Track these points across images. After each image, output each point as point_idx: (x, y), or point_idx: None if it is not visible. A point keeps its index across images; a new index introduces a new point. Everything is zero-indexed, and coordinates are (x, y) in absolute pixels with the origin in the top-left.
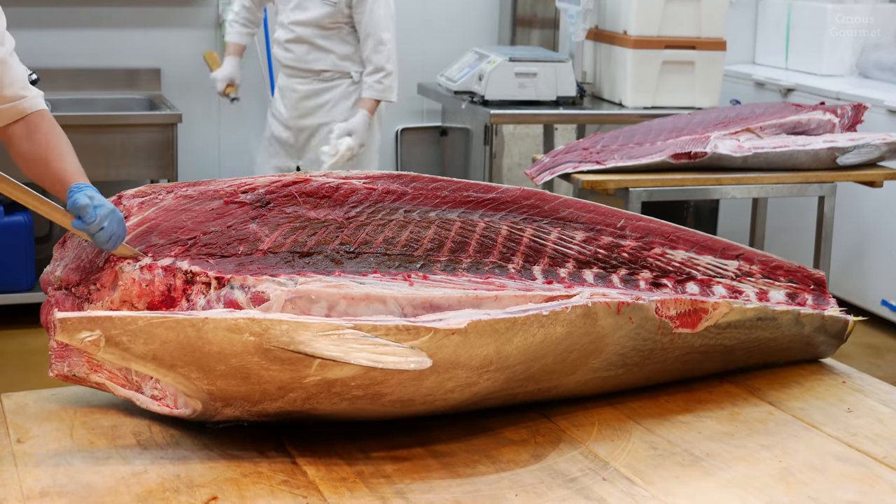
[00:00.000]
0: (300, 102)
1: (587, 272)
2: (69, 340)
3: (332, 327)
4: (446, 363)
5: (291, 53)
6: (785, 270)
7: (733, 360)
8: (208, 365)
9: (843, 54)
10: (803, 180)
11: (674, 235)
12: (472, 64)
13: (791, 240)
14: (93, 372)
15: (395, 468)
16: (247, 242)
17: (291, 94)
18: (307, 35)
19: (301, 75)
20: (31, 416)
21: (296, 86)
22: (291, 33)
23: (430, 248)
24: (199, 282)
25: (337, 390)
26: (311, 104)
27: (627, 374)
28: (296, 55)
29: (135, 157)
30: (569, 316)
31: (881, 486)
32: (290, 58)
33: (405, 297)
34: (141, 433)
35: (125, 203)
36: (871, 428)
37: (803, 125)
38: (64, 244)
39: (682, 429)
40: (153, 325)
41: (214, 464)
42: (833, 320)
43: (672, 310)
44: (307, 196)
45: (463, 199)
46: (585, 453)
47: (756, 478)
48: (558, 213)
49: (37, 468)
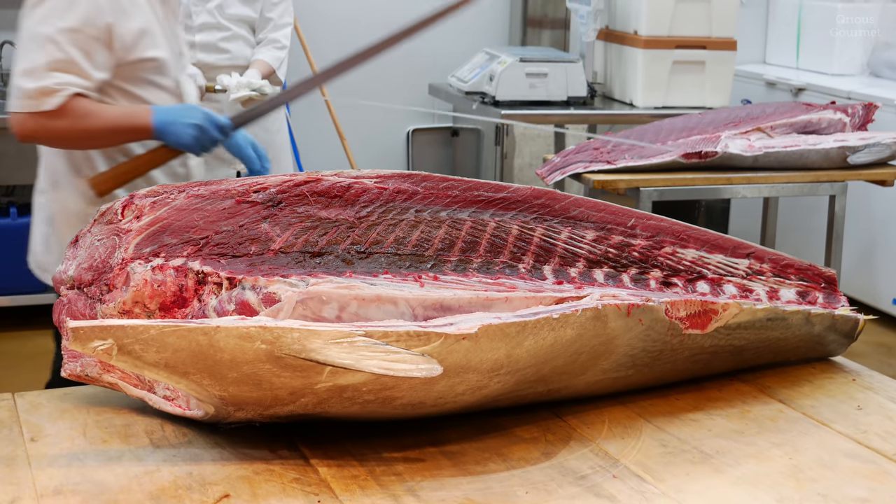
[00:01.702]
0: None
1: (598, 272)
2: (81, 349)
3: (343, 335)
4: (457, 368)
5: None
6: (796, 269)
7: (743, 359)
8: (220, 372)
9: (853, 54)
10: (814, 179)
11: (684, 234)
12: (483, 64)
13: (802, 239)
14: (105, 372)
15: (407, 466)
16: (258, 242)
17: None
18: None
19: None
20: (44, 416)
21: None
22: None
23: (440, 248)
24: (210, 282)
25: (348, 395)
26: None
27: (637, 374)
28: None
29: None
30: (579, 318)
31: (891, 482)
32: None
33: (416, 299)
34: (154, 432)
35: (137, 203)
36: (881, 425)
37: (814, 124)
38: (76, 243)
39: (692, 426)
40: (165, 334)
41: (227, 462)
42: (843, 319)
43: (682, 311)
44: (318, 195)
45: (473, 199)
46: (596, 451)
47: (766, 475)
48: (569, 212)
49: (50, 467)
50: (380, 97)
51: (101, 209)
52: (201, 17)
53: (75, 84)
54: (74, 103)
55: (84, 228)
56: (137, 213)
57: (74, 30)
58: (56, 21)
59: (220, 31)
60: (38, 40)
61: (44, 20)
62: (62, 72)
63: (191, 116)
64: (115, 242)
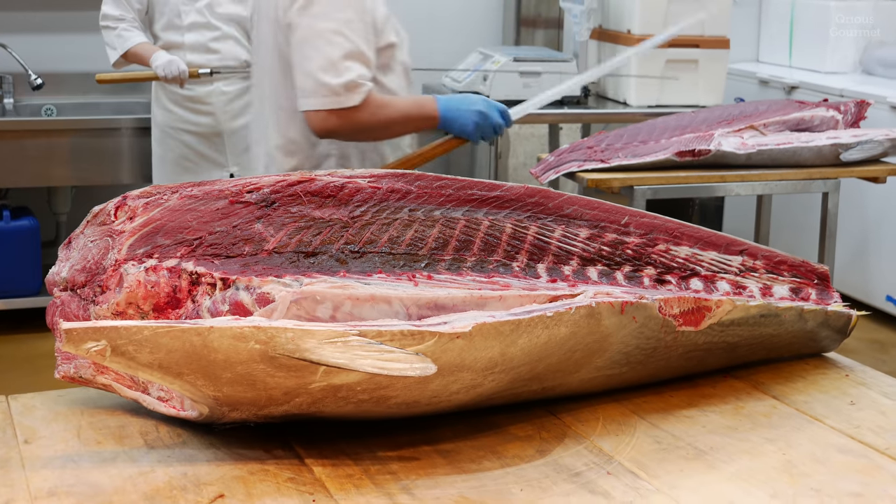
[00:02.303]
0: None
1: (591, 269)
2: (75, 351)
3: (337, 334)
4: (451, 366)
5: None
6: (789, 265)
7: (737, 356)
8: (214, 373)
9: (846, 51)
10: (807, 177)
11: (678, 231)
12: (477, 64)
13: (796, 236)
14: (99, 373)
15: (401, 465)
16: (252, 242)
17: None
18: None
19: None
20: (38, 418)
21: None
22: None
23: (434, 247)
24: (204, 283)
25: (342, 395)
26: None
27: (631, 371)
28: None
29: (140, 160)
30: (573, 316)
31: (883, 476)
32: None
33: (410, 298)
34: (148, 433)
35: (130, 203)
36: (874, 420)
37: (807, 122)
38: (69, 245)
39: (686, 423)
40: (159, 335)
41: (221, 462)
42: (836, 315)
43: (675, 308)
44: (312, 195)
45: (467, 198)
46: (590, 448)
47: (760, 470)
48: (563, 210)
49: (44, 469)
50: None
51: (93, 210)
52: (190, 16)
53: (367, 76)
54: (371, 95)
55: (77, 230)
56: (130, 214)
57: (354, 20)
58: (336, 14)
59: (210, 31)
60: (325, 35)
61: (323, 16)
62: (357, 62)
63: (473, 103)
64: (109, 244)
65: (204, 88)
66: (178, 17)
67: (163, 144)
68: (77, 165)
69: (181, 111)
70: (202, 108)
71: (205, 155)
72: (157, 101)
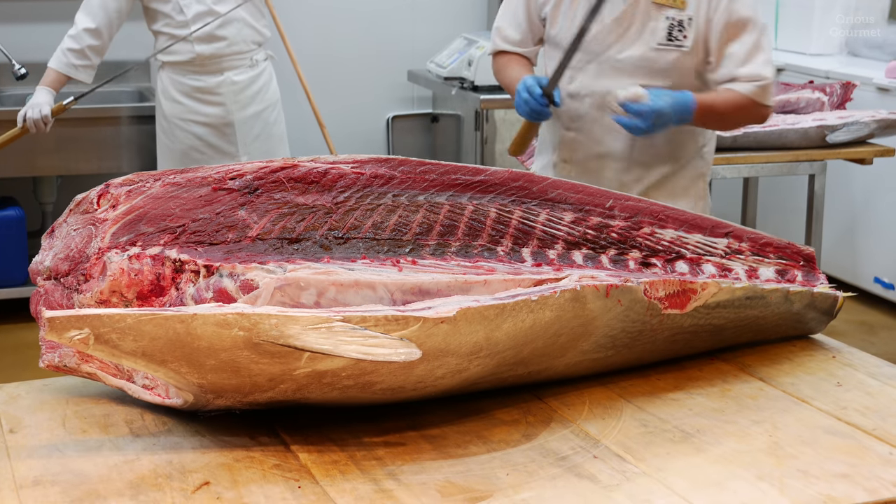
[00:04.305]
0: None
1: (576, 253)
2: (58, 339)
3: (321, 320)
4: (436, 351)
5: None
6: (774, 247)
7: (723, 338)
8: (198, 360)
9: (831, 33)
10: (793, 159)
11: (662, 214)
12: (462, 50)
13: (783, 219)
14: (83, 362)
15: (387, 451)
16: (235, 229)
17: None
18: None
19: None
20: (23, 407)
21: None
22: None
23: (418, 233)
24: (188, 270)
25: (328, 381)
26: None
27: (617, 355)
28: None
29: (126, 149)
30: (557, 300)
31: (870, 457)
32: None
33: (394, 283)
34: (133, 421)
35: (112, 192)
36: (861, 401)
37: (793, 104)
38: (52, 233)
39: (672, 406)
40: (142, 322)
41: (207, 450)
42: (822, 296)
43: (661, 291)
44: (295, 181)
45: (451, 183)
46: (576, 432)
47: (746, 452)
48: (547, 194)
49: (29, 458)
50: (359, 83)
51: (76, 199)
52: (192, 7)
53: None
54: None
55: (60, 219)
56: (113, 202)
57: None
58: None
59: (214, 18)
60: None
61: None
62: None
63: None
64: (92, 232)
65: (214, 79)
66: (179, 12)
67: (170, 135)
68: (62, 155)
69: (191, 102)
70: (212, 98)
71: (214, 145)
72: (165, 93)
